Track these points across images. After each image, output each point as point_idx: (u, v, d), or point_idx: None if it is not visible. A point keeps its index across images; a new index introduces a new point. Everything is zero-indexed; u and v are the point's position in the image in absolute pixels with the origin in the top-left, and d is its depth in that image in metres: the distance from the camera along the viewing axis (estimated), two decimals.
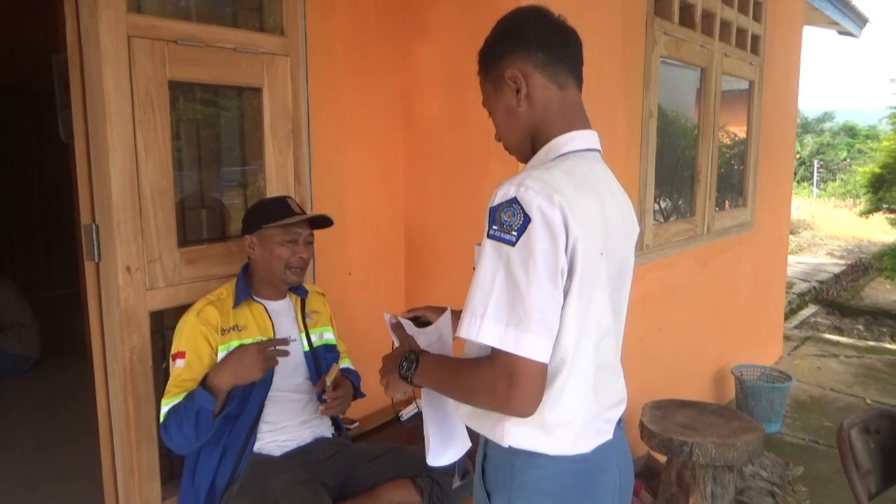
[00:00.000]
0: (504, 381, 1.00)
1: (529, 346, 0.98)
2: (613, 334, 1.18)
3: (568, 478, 1.10)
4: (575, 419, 1.10)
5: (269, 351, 1.73)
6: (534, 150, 1.18)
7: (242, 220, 1.95)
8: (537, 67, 1.14)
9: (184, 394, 1.72)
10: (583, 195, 1.06)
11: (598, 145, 1.19)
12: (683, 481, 2.41)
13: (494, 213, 1.03)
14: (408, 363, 1.20)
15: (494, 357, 1.02)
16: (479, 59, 1.22)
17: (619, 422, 1.22)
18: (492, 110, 1.22)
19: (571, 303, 1.03)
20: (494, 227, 1.02)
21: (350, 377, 2.08)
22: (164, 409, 1.73)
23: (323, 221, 1.98)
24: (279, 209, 1.88)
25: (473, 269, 1.07)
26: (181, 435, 1.67)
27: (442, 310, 1.41)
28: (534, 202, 1.00)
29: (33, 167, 6.08)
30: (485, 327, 1.00)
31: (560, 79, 1.15)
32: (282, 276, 1.87)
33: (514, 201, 1.01)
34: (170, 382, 1.75)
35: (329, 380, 1.81)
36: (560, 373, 1.06)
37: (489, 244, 1.02)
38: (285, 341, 1.79)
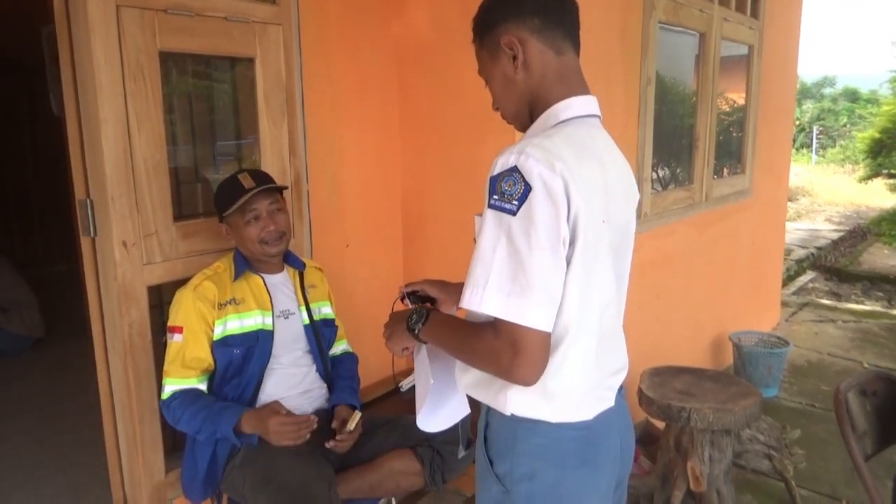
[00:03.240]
0: (508, 350, 1.00)
1: (532, 315, 0.98)
2: (616, 302, 1.17)
3: (570, 444, 1.11)
4: (577, 387, 1.10)
5: (301, 430, 1.71)
6: (532, 118, 1.16)
7: None
8: (533, 33, 1.11)
9: (192, 379, 1.77)
10: (584, 162, 1.04)
11: (597, 111, 1.18)
12: (681, 446, 2.44)
13: (495, 182, 1.01)
14: (417, 316, 1.21)
15: (498, 326, 1.01)
16: (473, 26, 1.20)
17: (621, 388, 1.22)
18: (488, 79, 1.20)
19: (574, 271, 1.03)
20: (495, 197, 1.01)
21: (348, 363, 2.09)
22: (169, 387, 1.74)
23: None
24: (232, 191, 1.82)
25: (474, 240, 1.06)
26: (190, 427, 1.74)
27: (440, 282, 1.41)
28: (535, 170, 0.99)
29: (26, 142, 6.02)
30: (487, 298, 1.00)
31: (557, 44, 1.13)
32: (260, 252, 1.85)
33: (514, 170, 1.00)
34: (172, 359, 1.76)
35: (351, 426, 1.81)
36: (563, 341, 1.06)
37: (490, 214, 1.01)
38: (313, 421, 1.74)
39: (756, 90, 4.03)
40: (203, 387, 1.81)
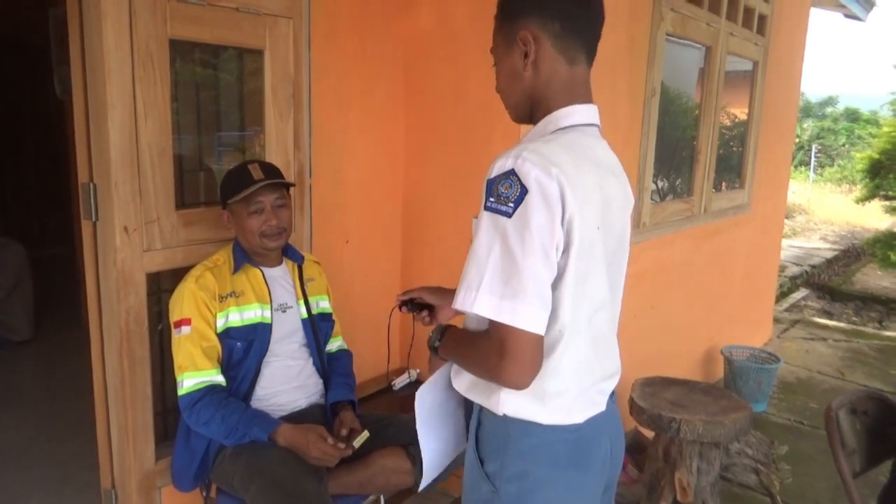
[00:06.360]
0: (496, 352, 1.01)
1: (524, 317, 0.99)
2: (609, 307, 1.18)
3: (561, 446, 1.12)
4: (569, 390, 1.11)
5: (327, 455, 1.72)
6: (531, 116, 1.17)
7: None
8: (550, 37, 1.11)
9: (213, 371, 1.75)
10: (581, 170, 1.05)
11: (597, 120, 1.18)
12: (670, 457, 2.45)
13: (491, 184, 1.02)
14: (435, 334, 1.23)
15: (490, 328, 1.03)
16: (498, 5, 1.19)
17: (612, 394, 1.23)
18: (497, 62, 1.20)
19: (569, 276, 1.04)
20: (491, 199, 1.01)
21: (344, 360, 2.09)
22: (191, 381, 1.73)
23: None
24: (240, 180, 1.80)
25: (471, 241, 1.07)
26: (218, 431, 1.72)
27: (437, 289, 1.43)
28: (531, 174, 0.99)
29: (27, 123, 5.99)
30: (480, 299, 1.00)
31: (571, 53, 1.13)
32: (259, 244, 1.85)
33: (511, 173, 1.00)
34: (188, 352, 1.74)
35: (356, 444, 1.79)
36: (558, 345, 1.08)
37: (486, 216, 1.02)
38: (350, 447, 1.77)
39: (759, 106, 4.05)
40: (223, 381, 1.79)
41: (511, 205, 0.99)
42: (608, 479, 1.24)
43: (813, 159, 21.55)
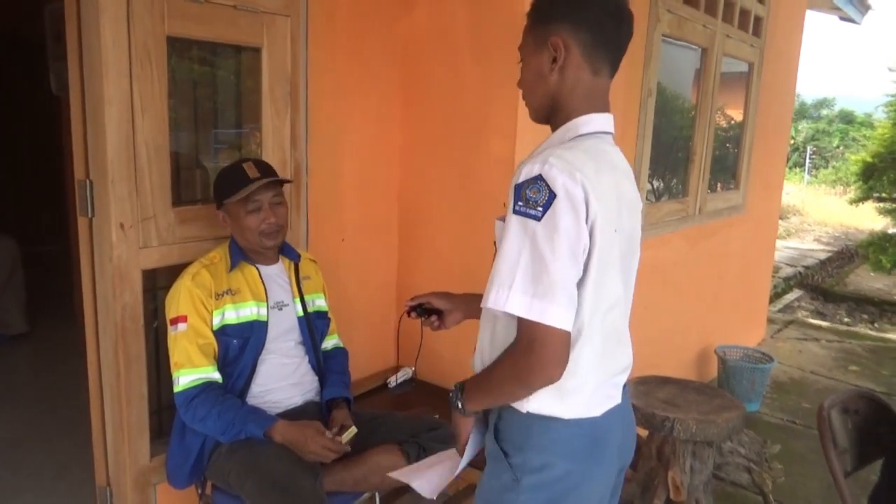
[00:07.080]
0: (525, 351, 1.06)
1: (554, 315, 1.03)
2: (623, 304, 1.24)
3: (578, 440, 1.18)
4: (587, 385, 1.17)
5: (325, 449, 1.73)
6: (549, 118, 1.22)
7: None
8: (580, 46, 1.16)
9: (209, 367, 1.76)
10: (601, 175, 1.10)
11: (612, 128, 1.23)
12: (663, 455, 2.46)
13: (520, 189, 1.07)
14: (454, 395, 1.25)
15: (520, 328, 1.07)
16: (532, 6, 1.22)
17: (625, 386, 1.29)
18: (524, 60, 1.24)
19: (589, 277, 1.09)
20: (520, 204, 1.06)
21: (339, 358, 2.09)
22: (187, 377, 1.73)
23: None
24: (235, 179, 1.80)
25: (494, 243, 1.12)
26: (214, 427, 1.72)
27: (445, 294, 1.45)
28: (558, 179, 1.04)
29: (22, 119, 5.96)
30: (512, 298, 1.05)
31: (597, 64, 1.18)
32: (258, 243, 1.85)
33: (539, 178, 1.05)
34: (183, 348, 1.74)
35: (344, 440, 1.79)
36: (577, 342, 1.12)
37: (515, 219, 1.06)
38: (346, 448, 1.78)
39: (754, 108, 4.07)
40: (220, 378, 1.79)
41: (540, 209, 1.04)
42: (621, 465, 1.30)
43: (807, 161, 21.63)
